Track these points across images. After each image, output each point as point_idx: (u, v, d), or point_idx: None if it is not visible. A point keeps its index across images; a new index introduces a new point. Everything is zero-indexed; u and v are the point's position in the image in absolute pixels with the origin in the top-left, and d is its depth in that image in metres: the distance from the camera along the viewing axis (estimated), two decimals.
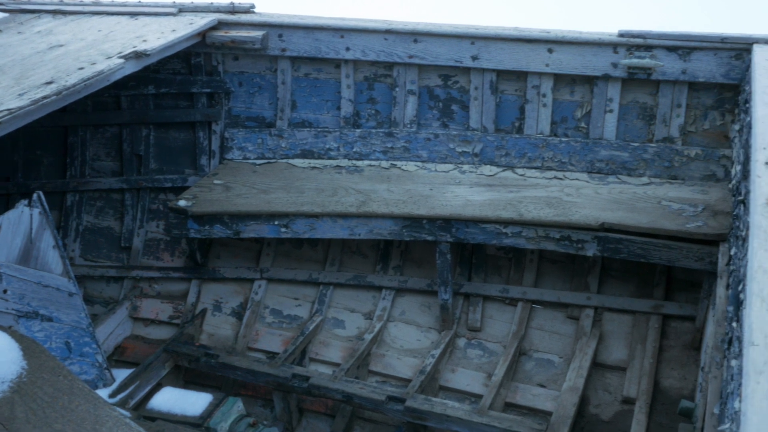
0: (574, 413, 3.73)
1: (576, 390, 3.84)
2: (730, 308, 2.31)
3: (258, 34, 4.55)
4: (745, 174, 2.89)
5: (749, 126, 2.93)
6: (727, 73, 4.00)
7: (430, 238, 4.16)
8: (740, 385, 1.49)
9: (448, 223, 4.10)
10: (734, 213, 3.44)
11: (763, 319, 1.58)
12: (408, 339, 4.45)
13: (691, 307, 4.10)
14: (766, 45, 3.81)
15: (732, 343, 2.11)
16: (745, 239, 2.22)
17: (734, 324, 2.14)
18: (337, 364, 4.30)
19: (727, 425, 1.70)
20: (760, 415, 1.32)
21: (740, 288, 1.90)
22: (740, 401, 1.40)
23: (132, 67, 3.96)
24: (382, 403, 3.84)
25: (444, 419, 3.73)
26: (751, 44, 3.83)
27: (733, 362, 1.94)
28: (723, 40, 3.94)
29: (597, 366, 4.12)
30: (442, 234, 4.13)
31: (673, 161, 4.25)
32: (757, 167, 2.28)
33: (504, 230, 4.03)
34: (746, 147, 3.00)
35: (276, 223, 4.27)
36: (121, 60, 3.87)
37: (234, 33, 4.57)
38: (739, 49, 3.93)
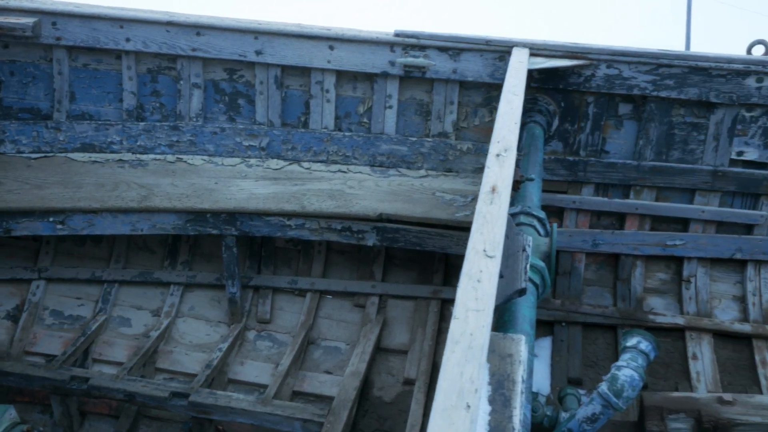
0: (355, 396, 3.89)
1: (358, 374, 4.00)
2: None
3: (29, 21, 4.30)
4: None
5: None
6: (492, 73, 4.32)
7: (215, 231, 4.16)
8: None
9: (232, 216, 4.11)
10: None
11: (467, 295, 1.75)
12: (197, 334, 4.42)
13: None
14: (523, 48, 4.15)
15: None
16: None
17: None
18: (122, 364, 4.18)
19: None
20: (450, 381, 1.47)
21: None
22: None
23: None
24: (166, 399, 3.79)
25: (228, 411, 3.75)
26: (511, 47, 4.16)
27: None
28: (487, 42, 4.24)
29: (381, 351, 4.32)
30: (226, 228, 4.14)
31: (447, 155, 4.53)
32: (489, 159, 2.51)
33: (288, 222, 4.11)
34: None
35: (51, 219, 4.08)
36: None
37: (1, 19, 4.29)
38: (501, 51, 4.25)
